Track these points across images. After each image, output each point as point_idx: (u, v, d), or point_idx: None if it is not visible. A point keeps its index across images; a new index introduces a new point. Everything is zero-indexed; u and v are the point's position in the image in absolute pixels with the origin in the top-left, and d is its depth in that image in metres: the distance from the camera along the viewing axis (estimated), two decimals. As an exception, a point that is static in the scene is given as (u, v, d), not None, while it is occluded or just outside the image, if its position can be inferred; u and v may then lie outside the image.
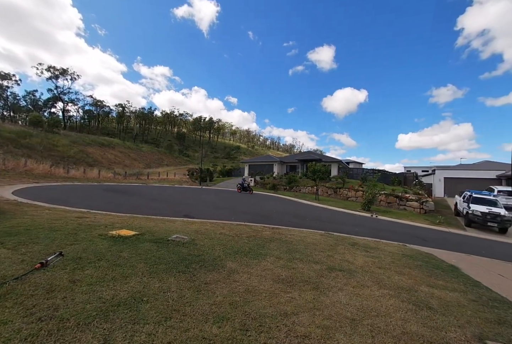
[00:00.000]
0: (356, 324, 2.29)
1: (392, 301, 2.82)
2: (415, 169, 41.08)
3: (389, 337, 2.13)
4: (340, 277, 3.44)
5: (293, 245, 4.96)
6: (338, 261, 4.18)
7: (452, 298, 3.10)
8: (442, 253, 6.14)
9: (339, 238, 6.31)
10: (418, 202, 16.68)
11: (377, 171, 30.12)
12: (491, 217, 12.10)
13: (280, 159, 37.31)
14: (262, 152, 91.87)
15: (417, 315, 2.55)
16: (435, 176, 27.46)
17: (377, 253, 5.06)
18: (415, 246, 6.69)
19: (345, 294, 2.90)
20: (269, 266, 3.63)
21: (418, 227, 11.83)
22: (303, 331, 2.11)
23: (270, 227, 7.05)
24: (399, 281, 3.51)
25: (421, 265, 4.46)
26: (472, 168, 28.76)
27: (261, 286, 2.92)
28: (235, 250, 4.26)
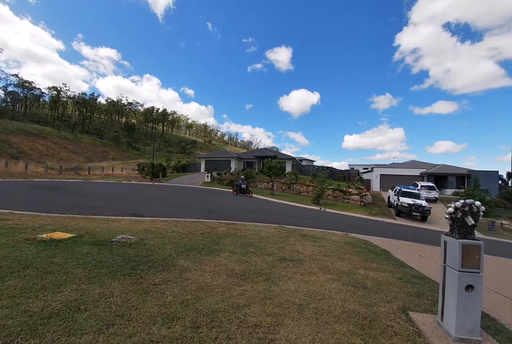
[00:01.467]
0: (303, 308, 2.47)
1: (334, 285, 3.12)
2: (357, 167, 45.81)
3: (331, 317, 2.36)
4: (290, 267, 3.65)
5: (248, 239, 5.06)
6: (289, 252, 4.42)
7: (383, 278, 3.59)
8: (377, 239, 7.03)
9: (291, 230, 6.67)
10: (359, 195, 18.70)
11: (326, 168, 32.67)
12: (415, 207, 14.34)
13: (238, 156, 37.40)
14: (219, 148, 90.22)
15: (354, 295, 2.88)
16: (373, 172, 31.09)
17: (323, 242, 5.52)
18: (355, 234, 7.50)
19: (294, 282, 3.09)
20: (223, 261, 3.63)
21: (359, 217, 13.28)
22: (254, 321, 2.18)
23: (226, 222, 7.04)
24: (341, 266, 3.91)
25: (360, 251, 5.03)
26: (402, 167, 33.49)
27: (214, 282, 2.90)
28: (188, 247, 4.13)
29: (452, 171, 29.09)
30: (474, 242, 2.13)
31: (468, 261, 2.11)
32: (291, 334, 2.04)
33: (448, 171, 29.20)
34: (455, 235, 2.23)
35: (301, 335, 2.04)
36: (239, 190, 17.52)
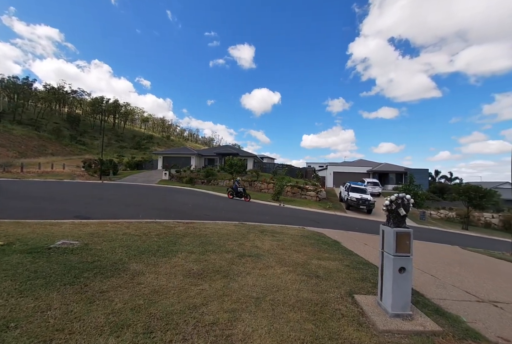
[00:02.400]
0: (260, 301, 2.54)
1: (290, 276, 3.29)
2: (314, 165, 48.60)
3: (286, 306, 2.48)
4: (249, 262, 3.72)
5: (207, 238, 4.98)
6: (248, 248, 4.50)
7: (334, 266, 3.90)
8: (329, 231, 7.59)
9: (251, 227, 6.78)
10: (315, 191, 19.91)
11: (285, 166, 33.91)
12: (362, 201, 15.89)
13: (198, 152, 36.32)
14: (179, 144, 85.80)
15: (308, 284, 3.07)
16: (327, 170, 33.44)
17: (281, 236, 5.75)
18: (311, 227, 7.98)
19: (252, 277, 3.16)
20: (180, 262, 3.51)
21: (314, 212, 14.16)
22: (211, 319, 2.17)
23: (184, 222, 6.80)
24: (297, 258, 4.13)
25: (314, 243, 5.38)
26: (351, 165, 36.69)
27: (170, 284, 2.79)
28: (141, 250, 3.89)
29: (392, 169, 32.99)
30: (405, 229, 2.46)
31: (401, 246, 2.43)
32: (248, 327, 2.09)
33: (389, 169, 33.03)
34: (390, 224, 2.55)
35: (257, 327, 2.10)
36: (235, 194, 15.86)
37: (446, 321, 2.45)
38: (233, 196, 15.88)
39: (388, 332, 2.20)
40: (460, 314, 2.66)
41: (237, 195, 15.79)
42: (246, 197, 15.51)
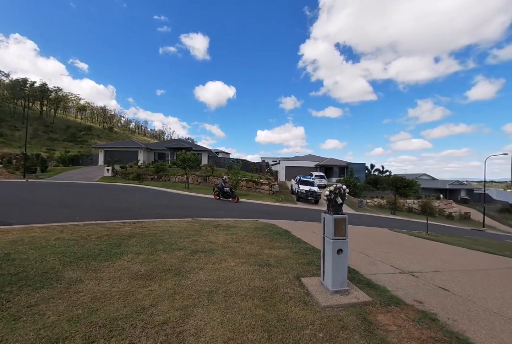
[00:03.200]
0: (213, 295, 2.57)
1: (243, 267, 3.39)
2: (268, 159, 50.09)
3: (238, 296, 2.56)
4: (202, 258, 3.69)
5: (157, 237, 4.74)
6: (202, 244, 4.45)
7: (283, 254, 4.16)
8: (281, 222, 8.01)
9: (205, 222, 6.69)
10: (269, 185, 20.64)
11: (240, 161, 34.13)
12: (310, 193, 17.14)
13: (147, 146, 33.67)
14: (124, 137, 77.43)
15: (260, 273, 3.22)
16: (280, 165, 34.91)
17: (235, 230, 5.83)
18: (264, 220, 8.29)
19: (205, 272, 3.15)
20: (125, 264, 3.28)
21: (268, 204, 14.70)
22: (161, 319, 2.10)
23: (131, 221, 6.31)
24: (250, 249, 4.26)
25: (266, 234, 5.63)
26: (301, 160, 39.01)
27: (114, 289, 2.59)
28: (79, 256, 3.49)
29: (336, 163, 36.28)
30: (342, 216, 2.77)
31: (339, 231, 2.74)
32: (200, 322, 2.10)
33: (333, 163, 36.25)
34: (330, 211, 2.83)
35: (210, 320, 2.13)
36: (222, 194, 14.24)
37: (375, 292, 2.87)
38: (220, 196, 14.37)
39: (329, 307, 2.48)
40: (386, 285, 3.15)
41: (224, 195, 14.22)
42: (234, 197, 14.00)
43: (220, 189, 14.26)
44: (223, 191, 14.13)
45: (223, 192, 14.14)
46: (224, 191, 14.10)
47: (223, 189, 14.13)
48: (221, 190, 14.19)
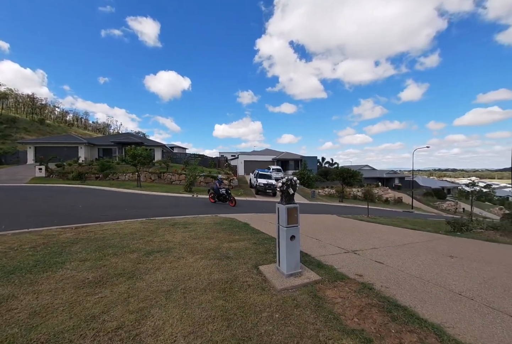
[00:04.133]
0: (171, 293, 2.53)
1: (202, 262, 3.39)
2: (226, 154, 49.71)
3: (198, 291, 2.58)
4: (159, 258, 3.56)
5: (106, 241, 4.37)
6: (157, 243, 4.28)
7: (243, 245, 4.28)
8: (240, 215, 8.15)
9: (161, 221, 6.40)
10: (228, 180, 20.59)
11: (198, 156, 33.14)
12: (268, 186, 17.71)
13: (89, 141, 30.00)
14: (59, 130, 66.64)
15: (219, 266, 3.27)
16: (238, 159, 35.03)
17: (194, 227, 5.74)
18: (224, 214, 8.32)
19: (162, 272, 3.06)
20: (69, 273, 2.97)
21: (228, 199, 14.70)
22: (115, 324, 2.00)
23: (73, 226, 5.66)
24: (209, 244, 4.27)
25: (226, 228, 5.68)
26: (259, 154, 39.79)
27: (56, 301, 2.35)
28: (8, 269, 3.02)
29: (291, 157, 38.02)
30: (294, 205, 2.98)
31: (291, 219, 2.95)
32: (158, 321, 2.07)
33: (289, 157, 37.91)
34: (283, 202, 3.02)
35: (168, 318, 2.11)
36: (217, 197, 12.12)
37: (324, 271, 3.19)
38: (216, 199, 12.25)
39: (285, 289, 2.67)
40: (333, 264, 3.53)
41: (219, 198, 12.07)
42: (231, 201, 11.71)
43: (215, 190, 12.14)
44: (218, 192, 12.01)
45: (219, 194, 12.01)
46: (219, 192, 11.97)
47: (218, 191, 12.02)
48: (216, 192, 12.10)
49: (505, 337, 1.95)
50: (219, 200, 12.11)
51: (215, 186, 12.36)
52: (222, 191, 11.93)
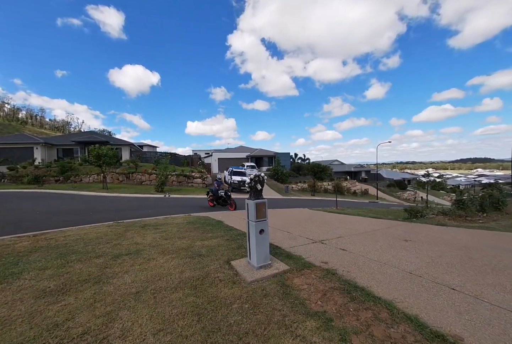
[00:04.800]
0: (140, 295, 2.50)
1: (173, 262, 3.37)
2: (200, 152, 48.72)
3: (168, 290, 2.58)
4: (127, 261, 3.47)
5: (68, 247, 4.12)
6: (126, 246, 4.14)
7: (215, 243, 4.32)
8: (214, 214, 8.14)
9: (129, 224, 6.15)
10: (201, 178, 20.29)
11: (169, 154, 32.05)
12: (242, 183, 17.79)
13: (46, 141, 27.38)
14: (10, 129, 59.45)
15: (191, 264, 3.28)
16: (212, 157, 34.57)
17: (165, 227, 5.62)
18: (198, 213, 8.23)
19: (131, 274, 3.00)
20: (27, 283, 2.78)
21: (202, 198, 14.53)
22: (80, 330, 1.95)
23: (30, 234, 5.22)
24: (181, 244, 4.24)
25: (199, 227, 5.66)
26: (233, 151, 39.61)
27: (14, 313, 2.20)
28: (-49, 284, 2.74)
29: (265, 154, 38.47)
30: (262, 200, 3.09)
31: (260, 213, 3.06)
32: (127, 322, 2.05)
33: (263, 154, 38.31)
34: (252, 197, 3.12)
35: (138, 319, 2.10)
36: (216, 200, 10.61)
37: (293, 261, 3.37)
38: (215, 202, 10.74)
39: (255, 281, 2.79)
40: (302, 254, 3.73)
41: (218, 201, 10.56)
42: (231, 205, 10.13)
43: (214, 192, 10.54)
44: (217, 195, 10.44)
45: (217, 196, 10.46)
46: (218, 195, 10.41)
47: (217, 193, 10.43)
48: (214, 194, 10.57)
49: (445, 306, 2.26)
50: (218, 204, 10.59)
51: (214, 187, 10.76)
52: (221, 193, 10.30)
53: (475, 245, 4.15)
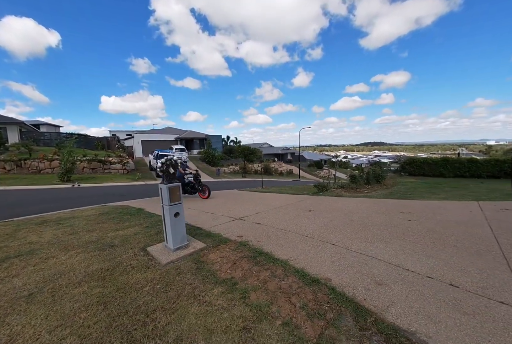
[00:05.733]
0: (34, 296, 2.25)
1: (78, 257, 3.09)
2: (120, 133, 42.67)
3: (70, 286, 2.40)
4: (17, 263, 2.97)
5: None
6: (16, 248, 3.50)
7: (132, 232, 4.12)
8: (135, 202, 7.58)
9: (21, 222, 5.11)
10: (121, 163, 18.13)
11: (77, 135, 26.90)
12: (170, 167, 16.89)
13: None
14: None
15: (100, 257, 3.08)
16: (134, 139, 30.95)
17: (71, 221, 4.95)
18: (115, 203, 7.49)
19: (22, 277, 2.61)
20: None
21: (122, 185, 13.17)
22: None
23: None
24: (89, 237, 3.86)
25: (114, 217, 5.21)
26: (160, 133, 36.44)
27: None
28: None
29: (196, 136, 36.98)
30: (175, 184, 3.11)
31: (174, 197, 3.08)
32: (17, 326, 1.86)
33: (194, 136, 36.71)
34: (165, 181, 3.09)
35: (30, 320, 1.92)
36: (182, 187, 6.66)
37: (211, 239, 3.60)
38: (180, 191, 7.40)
39: (171, 262, 2.88)
40: (221, 231, 4.00)
41: (185, 188, 8.19)
42: (203, 191, 8.21)
43: (179, 178, 7.65)
44: (183, 181, 8.02)
45: (183, 183, 8.03)
46: (184, 181, 8.09)
47: (182, 179, 8.02)
48: (181, 180, 7.81)
49: (325, 258, 2.91)
50: (186, 192, 8.35)
51: (177, 172, 8.18)
52: (189, 178, 8.24)
53: (357, 210, 5.33)
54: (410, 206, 5.51)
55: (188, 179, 8.26)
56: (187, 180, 8.22)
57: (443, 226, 3.94)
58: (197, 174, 8.31)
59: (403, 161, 14.19)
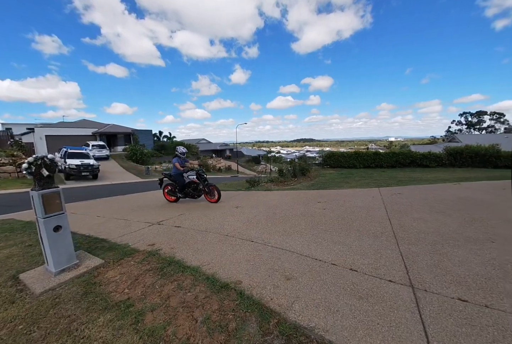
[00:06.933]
0: None
1: None
2: (19, 126, 33.94)
3: None
4: None
5: None
6: None
7: (5, 254, 3.15)
8: (27, 213, 6.02)
9: None
10: (14, 165, 14.45)
11: None
12: (84, 167, 14.36)
13: None
14: None
15: None
16: (35, 134, 25.14)
17: None
18: (-7, 216, 5.77)
19: None
20: None
21: (12, 193, 10.47)
22: None
23: None
24: None
25: (-20, 236, 3.94)
26: (72, 126, 30.63)
27: None
28: None
29: (120, 130, 32.65)
30: (53, 190, 2.44)
31: (51, 207, 2.42)
32: None
33: (117, 130, 32.32)
34: (36, 187, 2.39)
35: None
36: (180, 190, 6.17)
37: (114, 252, 3.04)
38: (178, 195, 6.32)
39: (48, 290, 2.25)
40: (130, 241, 3.45)
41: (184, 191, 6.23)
42: (211, 193, 6.11)
43: (176, 178, 6.16)
44: (182, 182, 6.15)
45: (183, 184, 6.17)
46: (184, 181, 6.17)
47: (181, 178, 6.16)
48: (177, 181, 6.20)
49: (238, 258, 2.76)
50: (186, 196, 6.33)
51: (174, 169, 6.28)
52: (191, 177, 6.12)
53: (281, 203, 5.51)
54: (326, 195, 6.04)
55: (189, 178, 6.16)
56: (187, 179, 6.18)
57: (350, 212, 4.40)
58: (202, 171, 6.33)
59: (324, 155, 15.79)
